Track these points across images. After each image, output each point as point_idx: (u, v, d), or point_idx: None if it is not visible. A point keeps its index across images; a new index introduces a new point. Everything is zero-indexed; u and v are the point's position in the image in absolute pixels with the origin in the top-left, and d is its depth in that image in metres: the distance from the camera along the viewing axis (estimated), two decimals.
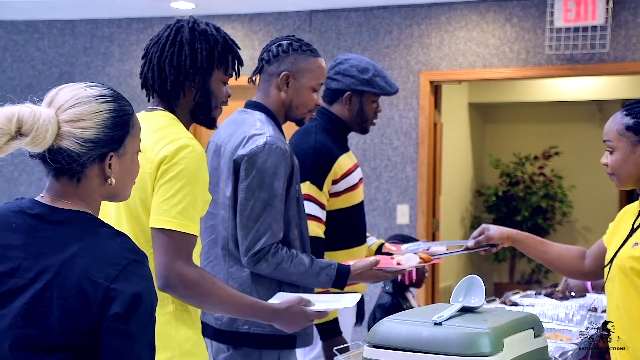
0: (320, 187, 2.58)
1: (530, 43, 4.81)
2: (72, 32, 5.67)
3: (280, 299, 2.09)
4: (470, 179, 7.56)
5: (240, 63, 2.05)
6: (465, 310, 1.53)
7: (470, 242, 2.44)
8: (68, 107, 1.38)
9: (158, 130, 1.88)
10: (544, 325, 2.31)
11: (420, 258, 2.50)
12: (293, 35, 2.42)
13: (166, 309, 1.85)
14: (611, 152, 1.99)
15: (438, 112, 5.20)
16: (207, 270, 2.18)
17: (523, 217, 7.07)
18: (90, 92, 1.41)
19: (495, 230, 2.33)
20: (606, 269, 1.98)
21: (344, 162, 2.68)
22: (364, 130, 2.77)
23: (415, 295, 3.76)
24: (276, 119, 2.35)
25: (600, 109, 7.29)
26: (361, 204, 2.77)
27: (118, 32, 5.61)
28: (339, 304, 2.22)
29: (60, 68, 5.70)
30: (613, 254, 1.95)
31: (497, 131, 7.90)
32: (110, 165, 1.41)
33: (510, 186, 7.29)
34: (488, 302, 2.98)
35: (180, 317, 1.87)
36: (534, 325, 1.55)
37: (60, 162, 1.37)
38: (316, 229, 2.56)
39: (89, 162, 1.39)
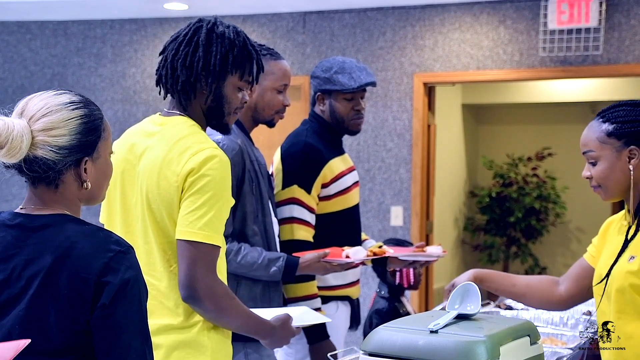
0: (309, 191, 2.58)
1: (523, 45, 4.81)
2: (64, 33, 5.65)
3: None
4: (464, 180, 7.56)
5: (260, 69, 2.00)
6: (461, 317, 1.52)
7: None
8: (40, 117, 1.39)
9: (181, 139, 1.86)
10: (539, 329, 2.30)
11: (370, 251, 2.52)
12: (255, 42, 2.45)
13: (199, 317, 1.84)
14: (594, 164, 1.89)
15: (432, 114, 5.20)
16: None
17: (516, 218, 7.08)
18: (60, 99, 1.42)
19: (460, 277, 2.20)
20: (598, 287, 1.87)
21: (335, 165, 2.67)
22: (347, 130, 2.72)
23: (409, 299, 3.74)
24: (239, 121, 2.39)
25: (593, 110, 7.29)
26: (355, 208, 2.76)
27: (111, 33, 5.58)
28: (312, 319, 2.23)
29: (52, 69, 5.67)
30: (607, 270, 1.85)
31: (490, 132, 7.90)
32: (85, 169, 1.43)
33: (503, 187, 7.29)
34: (483, 305, 2.97)
35: (213, 325, 1.87)
36: (530, 332, 1.54)
37: (36, 170, 1.39)
38: (304, 233, 2.57)
39: (64, 168, 1.41)
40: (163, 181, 1.83)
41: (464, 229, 7.42)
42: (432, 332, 1.43)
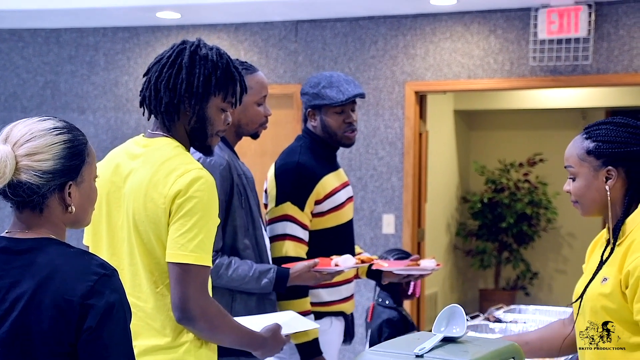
0: (302, 208, 2.60)
1: (514, 54, 4.84)
2: (57, 40, 5.65)
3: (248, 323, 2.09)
4: (456, 186, 7.60)
5: (244, 90, 2.01)
6: (447, 340, 1.54)
7: None
8: (24, 142, 1.42)
9: (166, 161, 1.87)
10: None
11: (359, 259, 2.54)
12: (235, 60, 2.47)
13: (186, 337, 1.85)
14: (573, 179, 1.85)
15: (423, 122, 5.23)
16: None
17: (508, 223, 7.12)
18: (44, 125, 1.45)
19: None
20: (575, 305, 1.87)
21: (329, 182, 2.69)
22: (340, 143, 2.74)
23: None
24: (224, 137, 2.40)
25: (584, 116, 7.35)
26: (349, 223, 2.78)
27: (103, 40, 5.59)
28: (301, 326, 2.25)
29: (45, 77, 5.67)
30: (582, 289, 1.84)
31: (482, 138, 7.94)
32: (69, 193, 1.45)
33: (495, 193, 7.33)
34: (472, 317, 3.01)
35: (201, 344, 1.88)
36: (515, 354, 1.56)
37: (21, 195, 1.42)
38: (297, 250, 2.59)
39: (49, 192, 1.43)
40: (150, 203, 1.84)
41: (456, 234, 7.45)
42: (417, 356, 1.45)
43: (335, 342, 2.75)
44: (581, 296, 1.85)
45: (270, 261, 2.49)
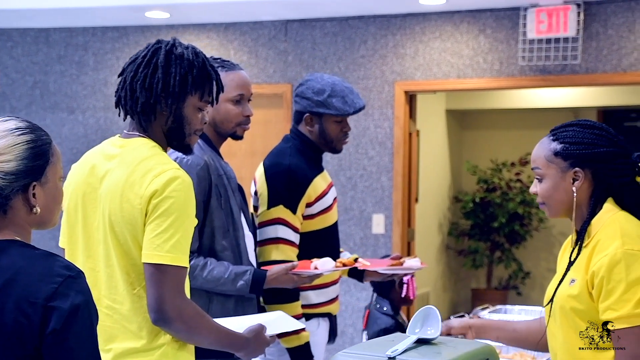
0: (294, 211, 2.59)
1: (503, 54, 4.84)
2: (46, 40, 5.63)
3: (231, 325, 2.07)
4: (448, 185, 7.59)
5: (220, 89, 2.00)
6: (421, 341, 1.53)
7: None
8: None
9: (142, 161, 1.85)
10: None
11: (340, 262, 2.53)
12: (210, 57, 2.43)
13: (163, 339, 1.84)
14: (540, 180, 1.86)
15: (413, 122, 5.22)
16: None
17: (500, 223, 7.11)
18: (6, 126, 1.43)
19: (456, 322, 2.11)
20: (547, 308, 1.88)
21: (319, 184, 2.68)
22: (333, 150, 2.75)
23: None
24: (206, 136, 2.39)
25: (575, 115, 7.35)
26: (335, 225, 2.77)
27: (93, 40, 5.57)
28: (287, 326, 2.23)
29: (34, 77, 5.65)
30: (553, 291, 1.85)
31: (474, 137, 7.94)
32: (34, 194, 1.43)
33: (487, 192, 7.33)
34: (457, 317, 2.99)
35: (179, 346, 1.86)
36: (490, 355, 1.56)
37: None
38: (289, 253, 2.58)
39: (12, 194, 1.41)
40: (126, 204, 1.82)
41: (448, 234, 7.45)
42: (390, 358, 1.44)
43: (322, 343, 2.75)
44: (552, 299, 1.85)
45: (255, 264, 2.47)
